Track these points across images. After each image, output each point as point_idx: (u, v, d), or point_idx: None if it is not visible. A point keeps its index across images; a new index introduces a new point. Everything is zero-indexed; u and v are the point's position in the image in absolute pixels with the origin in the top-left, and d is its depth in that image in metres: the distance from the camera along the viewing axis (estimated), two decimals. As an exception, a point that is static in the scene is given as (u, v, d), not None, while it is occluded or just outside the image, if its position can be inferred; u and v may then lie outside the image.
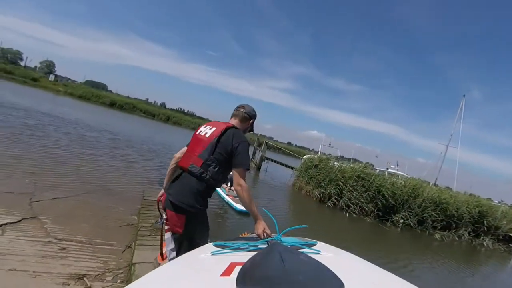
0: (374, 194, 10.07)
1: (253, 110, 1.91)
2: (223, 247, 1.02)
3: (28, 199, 3.61)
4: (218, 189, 7.15)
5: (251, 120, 1.90)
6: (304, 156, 13.14)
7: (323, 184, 10.74)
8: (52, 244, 2.69)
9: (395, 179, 11.17)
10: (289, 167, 14.52)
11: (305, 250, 0.98)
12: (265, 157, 15.29)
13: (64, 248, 2.67)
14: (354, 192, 10.16)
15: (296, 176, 12.73)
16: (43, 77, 49.21)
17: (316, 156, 12.53)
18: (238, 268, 0.62)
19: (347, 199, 10.12)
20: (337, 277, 0.52)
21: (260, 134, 16.07)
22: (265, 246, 1.06)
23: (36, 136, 7.63)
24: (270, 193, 9.70)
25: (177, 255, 1.63)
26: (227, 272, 0.64)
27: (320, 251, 0.96)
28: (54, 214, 3.36)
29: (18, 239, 2.61)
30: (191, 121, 45.12)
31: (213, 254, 0.90)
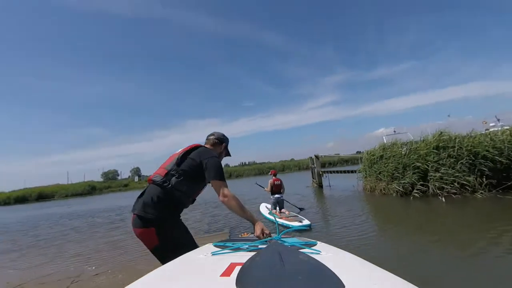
0: (471, 161, 7.63)
1: (223, 135, 2.13)
2: (223, 247, 1.04)
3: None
4: (269, 215, 6.72)
5: (223, 144, 2.10)
6: (363, 152, 11.34)
7: (398, 174, 8.79)
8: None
9: (491, 132, 8.39)
10: (350, 171, 12.74)
11: (305, 250, 0.98)
12: (321, 171, 13.92)
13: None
14: (442, 169, 7.91)
15: (363, 177, 10.92)
16: (131, 181, 60.16)
17: (376, 147, 10.68)
18: (238, 268, 0.62)
19: (437, 181, 7.89)
20: (337, 277, 0.52)
21: (325, 156, 15.14)
22: (265, 246, 1.04)
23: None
24: (341, 205, 8.23)
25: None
26: (227, 273, 0.64)
27: (320, 251, 0.96)
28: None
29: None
30: (249, 168, 46.72)
31: (213, 255, 0.91)
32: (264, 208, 7.99)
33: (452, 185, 7.59)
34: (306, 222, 5.55)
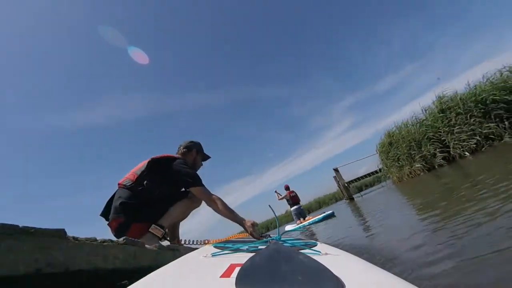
0: (482, 110, 7.05)
1: (190, 142, 2.12)
2: (223, 248, 1.05)
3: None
4: (296, 226, 6.53)
5: (193, 150, 2.11)
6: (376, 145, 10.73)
7: (414, 151, 8.14)
8: None
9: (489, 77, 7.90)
10: (371, 174, 11.90)
11: (305, 250, 0.98)
12: (346, 183, 13.05)
13: None
14: (456, 128, 7.31)
15: (385, 172, 10.11)
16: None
17: (383, 137, 10.17)
18: (238, 269, 0.62)
19: (456, 143, 7.20)
20: (337, 277, 0.52)
21: (357, 178, 14.30)
22: (265, 246, 1.04)
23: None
24: (378, 206, 7.36)
25: None
26: (227, 274, 0.64)
27: (320, 252, 0.96)
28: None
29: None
30: (280, 217, 44.40)
31: (213, 256, 0.91)
32: (289, 226, 7.60)
33: (474, 139, 6.86)
34: (329, 212, 5.91)
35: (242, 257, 0.78)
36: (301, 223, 6.75)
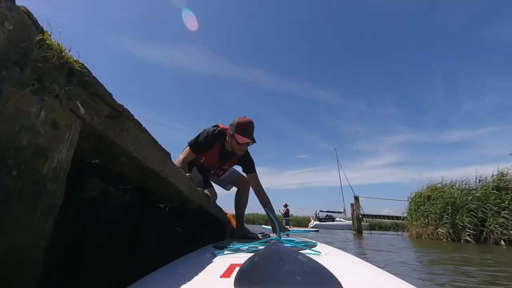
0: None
1: (230, 124, 1.86)
2: (223, 248, 1.08)
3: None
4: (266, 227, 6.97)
5: (231, 133, 1.82)
6: (411, 194, 10.18)
7: (447, 216, 7.61)
8: None
9: None
10: (392, 217, 11.29)
11: (305, 251, 1.00)
12: (361, 215, 12.62)
13: None
14: (504, 213, 6.63)
15: (408, 221, 9.61)
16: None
17: (425, 188, 9.56)
18: (238, 269, 0.63)
19: (496, 226, 6.57)
20: (336, 278, 0.52)
21: (374, 215, 13.51)
22: (265, 246, 1.10)
23: None
24: (385, 253, 7.24)
25: None
26: (227, 274, 0.66)
27: (320, 252, 0.97)
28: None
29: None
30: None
31: (213, 256, 0.93)
32: (266, 226, 8.26)
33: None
34: (315, 228, 6.16)
35: (242, 257, 0.79)
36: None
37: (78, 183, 0.72)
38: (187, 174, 1.12)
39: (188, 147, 1.85)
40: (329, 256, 0.94)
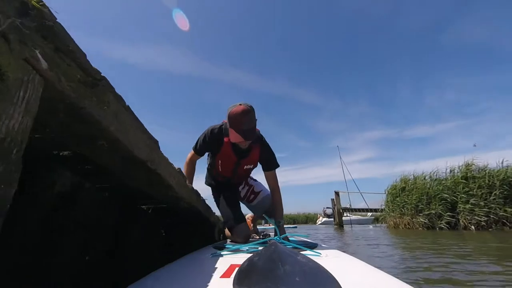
0: (506, 191, 6.84)
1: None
2: (223, 248, 1.08)
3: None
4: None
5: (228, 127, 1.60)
6: (387, 187, 10.64)
7: (422, 206, 8.04)
8: None
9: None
10: (370, 210, 11.78)
11: (305, 252, 0.99)
12: (342, 209, 13.03)
13: None
14: (473, 199, 7.14)
15: (386, 213, 10.03)
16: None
17: (399, 181, 10.04)
18: None
19: (468, 213, 7.06)
20: (335, 279, 0.52)
21: (354, 208, 13.99)
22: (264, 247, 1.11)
23: None
24: (368, 246, 7.32)
25: None
26: (227, 274, 0.66)
27: (320, 253, 0.97)
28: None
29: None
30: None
31: (213, 256, 0.93)
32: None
33: (486, 217, 6.71)
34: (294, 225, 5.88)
35: (242, 258, 0.79)
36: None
37: (45, 175, 0.57)
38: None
39: (192, 149, 1.69)
40: (329, 257, 0.94)
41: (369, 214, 17.36)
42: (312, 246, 1.16)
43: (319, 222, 18.75)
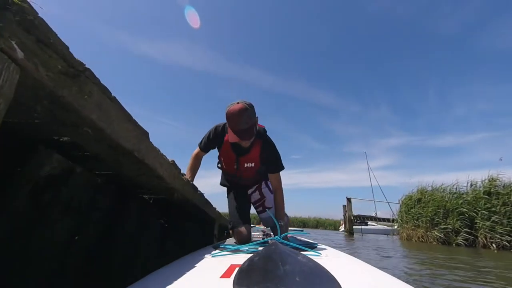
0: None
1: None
2: (223, 249, 1.09)
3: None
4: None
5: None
6: (401, 197, 10.23)
7: (438, 219, 7.66)
8: None
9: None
10: (383, 219, 11.37)
11: (305, 252, 1.00)
12: (353, 216, 12.70)
13: None
14: (494, 217, 6.70)
15: (399, 224, 9.66)
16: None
17: (415, 191, 9.62)
18: None
19: (487, 231, 6.64)
20: (335, 279, 0.52)
21: (366, 216, 13.65)
22: (265, 247, 1.03)
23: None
24: (377, 257, 7.04)
25: None
26: (227, 274, 0.66)
27: (320, 253, 0.97)
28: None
29: None
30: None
31: (213, 256, 0.94)
32: None
33: (509, 237, 6.28)
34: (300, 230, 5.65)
35: (242, 258, 0.79)
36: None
37: (35, 157, 0.62)
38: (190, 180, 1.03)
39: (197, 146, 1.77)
40: (329, 257, 0.93)
41: (377, 225, 15.91)
42: (312, 246, 1.15)
43: (341, 229, 18.02)
